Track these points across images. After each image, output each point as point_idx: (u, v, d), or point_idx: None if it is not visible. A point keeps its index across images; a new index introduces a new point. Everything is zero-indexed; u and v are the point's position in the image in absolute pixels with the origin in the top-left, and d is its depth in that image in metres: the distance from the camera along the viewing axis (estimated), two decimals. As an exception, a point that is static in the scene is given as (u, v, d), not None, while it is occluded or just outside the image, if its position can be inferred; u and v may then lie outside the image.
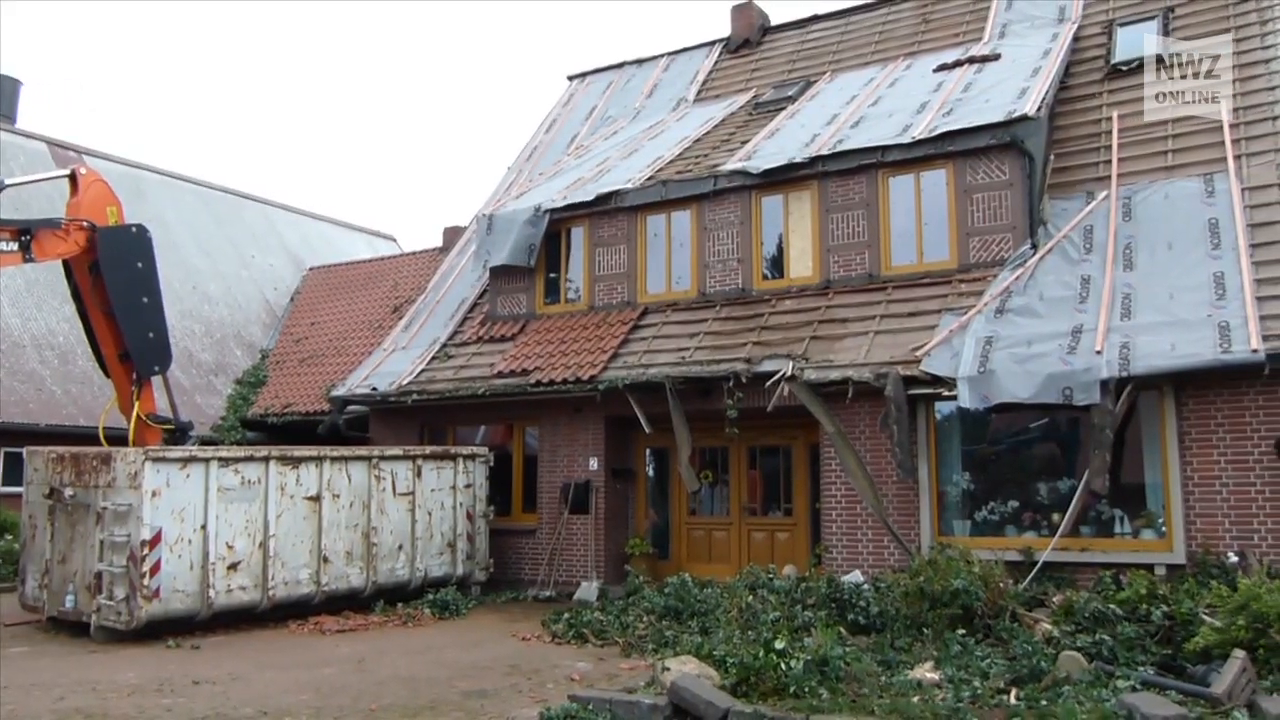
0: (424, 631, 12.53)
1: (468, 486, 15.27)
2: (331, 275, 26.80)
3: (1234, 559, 10.84)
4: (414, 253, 26.45)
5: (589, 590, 14.45)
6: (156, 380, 13.76)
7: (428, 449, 15.33)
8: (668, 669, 8.11)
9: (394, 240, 34.35)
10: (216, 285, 25.41)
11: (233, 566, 12.25)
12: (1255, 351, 10.78)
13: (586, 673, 9.74)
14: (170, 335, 14.08)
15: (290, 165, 64.30)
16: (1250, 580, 8.85)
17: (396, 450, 14.76)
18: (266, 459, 12.81)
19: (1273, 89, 14.12)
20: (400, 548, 14.23)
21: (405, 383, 16.83)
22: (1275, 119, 13.68)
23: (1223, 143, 13.67)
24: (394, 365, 17.62)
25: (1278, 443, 10.99)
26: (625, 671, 9.75)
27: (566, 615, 12.37)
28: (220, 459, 12.39)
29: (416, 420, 17.21)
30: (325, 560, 13.22)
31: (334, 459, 13.59)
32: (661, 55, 23.84)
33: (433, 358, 17.35)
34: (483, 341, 17.19)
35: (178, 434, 13.74)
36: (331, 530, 13.35)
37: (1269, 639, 7.95)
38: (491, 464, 15.80)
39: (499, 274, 17.58)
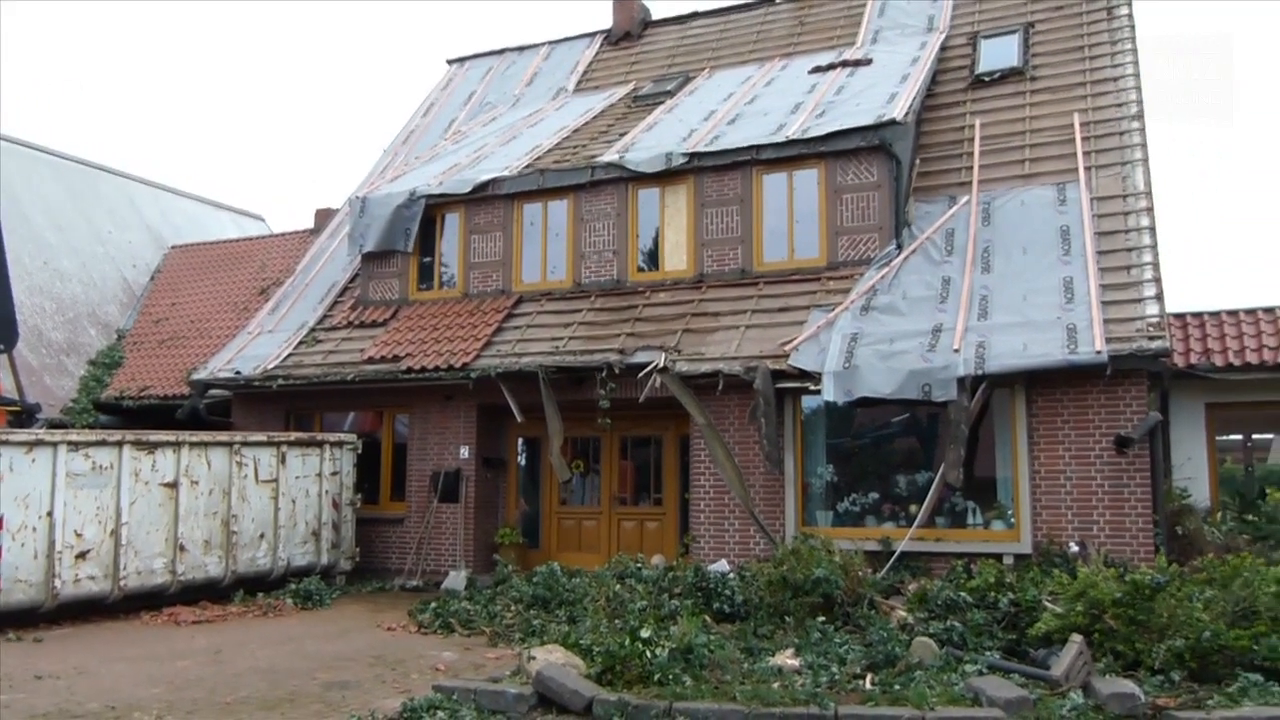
0: (285, 622, 12.24)
1: (334, 474, 14.96)
2: (195, 254, 25.76)
3: (1075, 549, 11.49)
4: (283, 234, 25.62)
5: (457, 579, 14.32)
6: (1, 359, 13.08)
7: (293, 435, 14.95)
8: (534, 658, 8.09)
9: (262, 220, 33.20)
10: (70, 261, 24.12)
11: (81, 555, 11.73)
12: (1099, 353, 11.44)
13: (452, 663, 9.67)
14: (18, 312, 13.39)
15: (153, 139, 61.64)
16: (1088, 569, 9.35)
17: (260, 436, 14.33)
18: (120, 443, 12.28)
19: (1120, 105, 14.94)
20: (262, 536, 13.86)
21: (271, 367, 16.36)
22: (1122, 134, 14.49)
23: (1075, 154, 14.41)
24: (259, 349, 17.11)
25: (1117, 439, 11.67)
26: (492, 661, 9.73)
27: (433, 605, 12.24)
28: (70, 442, 11.83)
29: (282, 406, 16.76)
30: (182, 549, 12.78)
31: (193, 444, 13.12)
32: (543, 43, 23.72)
33: (300, 342, 16.91)
34: (353, 327, 16.84)
35: (24, 416, 13.13)
36: (189, 518, 12.91)
37: (1103, 624, 8.44)
38: (360, 451, 15.52)
39: (371, 258, 17.25)
